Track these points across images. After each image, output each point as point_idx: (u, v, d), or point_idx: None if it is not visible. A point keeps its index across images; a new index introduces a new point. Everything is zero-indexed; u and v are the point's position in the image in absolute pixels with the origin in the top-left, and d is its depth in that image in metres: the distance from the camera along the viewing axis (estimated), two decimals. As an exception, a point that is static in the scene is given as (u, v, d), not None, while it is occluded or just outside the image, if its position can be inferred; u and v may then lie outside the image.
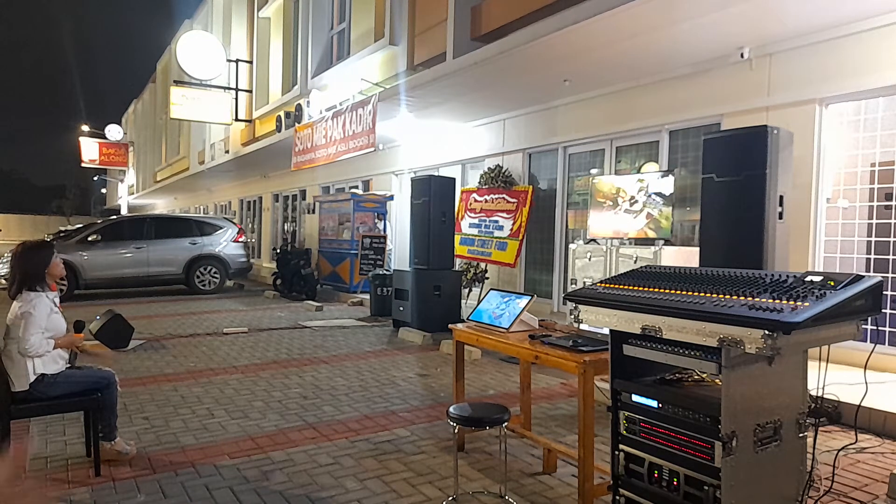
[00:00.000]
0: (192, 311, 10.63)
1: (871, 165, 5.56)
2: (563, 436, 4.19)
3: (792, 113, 5.71)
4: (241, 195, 22.67)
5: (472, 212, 9.53)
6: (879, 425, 4.17)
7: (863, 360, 3.03)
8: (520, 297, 3.72)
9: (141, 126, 35.85)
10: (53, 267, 3.63)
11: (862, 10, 5.02)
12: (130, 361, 6.50)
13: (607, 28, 5.59)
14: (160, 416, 4.64)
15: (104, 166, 31.86)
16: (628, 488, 2.56)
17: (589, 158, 8.40)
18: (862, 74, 5.28)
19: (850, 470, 3.58)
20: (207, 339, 7.85)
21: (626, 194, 6.39)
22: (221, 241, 13.50)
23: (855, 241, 5.59)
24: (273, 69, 16.48)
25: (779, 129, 4.21)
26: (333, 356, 6.87)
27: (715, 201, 4.44)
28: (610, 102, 7.71)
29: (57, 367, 3.56)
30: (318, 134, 11.09)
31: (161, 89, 28.36)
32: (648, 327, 2.36)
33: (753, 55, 6.00)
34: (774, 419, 2.31)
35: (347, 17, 13.07)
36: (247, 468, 3.64)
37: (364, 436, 4.22)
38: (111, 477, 3.50)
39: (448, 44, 8.22)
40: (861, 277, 2.24)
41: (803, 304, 2.06)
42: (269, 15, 16.71)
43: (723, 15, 5.17)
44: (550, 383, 5.61)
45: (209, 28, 20.56)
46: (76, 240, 12.51)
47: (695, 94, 6.64)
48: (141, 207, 36.31)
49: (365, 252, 11.69)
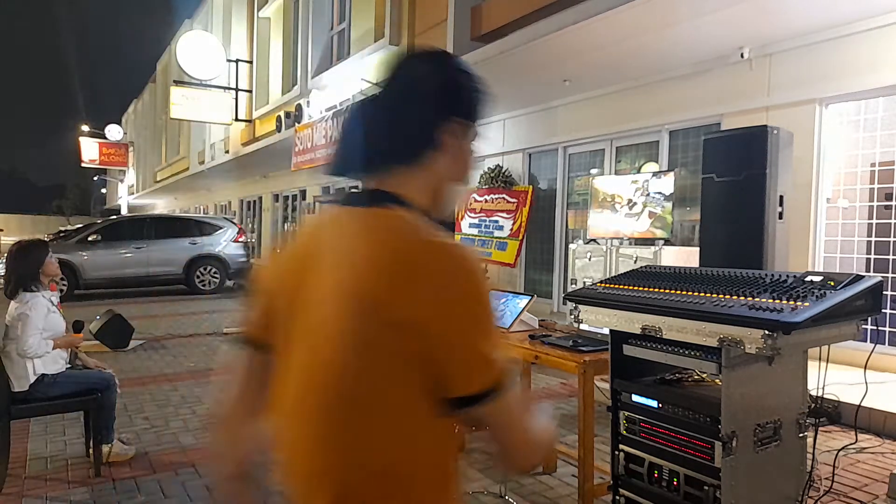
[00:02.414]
0: (192, 310, 10.62)
1: (871, 165, 5.56)
2: (563, 436, 4.19)
3: (792, 113, 5.71)
4: (241, 195, 22.67)
5: (472, 212, 9.53)
6: (879, 425, 4.17)
7: (863, 360, 3.02)
8: (520, 297, 3.72)
9: (141, 126, 35.85)
10: (48, 266, 3.63)
11: (862, 10, 5.02)
12: (130, 361, 6.50)
13: (607, 28, 5.59)
14: (160, 416, 4.64)
15: (104, 166, 31.85)
16: (628, 488, 2.56)
17: (589, 158, 8.40)
18: (862, 74, 5.28)
19: (850, 470, 3.58)
20: (207, 339, 7.85)
21: (622, 199, 6.39)
22: (221, 241, 13.48)
23: (855, 241, 5.59)
24: (273, 69, 16.47)
25: (779, 129, 4.21)
26: (333, 356, 6.86)
27: (715, 201, 4.44)
28: (610, 102, 7.71)
29: (57, 368, 3.56)
30: (319, 134, 11.09)
31: (161, 89, 28.36)
32: (648, 327, 2.36)
33: (753, 55, 6.00)
34: (774, 419, 2.31)
35: (347, 17, 13.06)
36: (247, 468, 3.64)
37: (364, 436, 4.21)
38: (111, 477, 3.50)
39: (448, 44, 8.21)
40: (861, 277, 2.24)
41: (803, 304, 2.06)
42: (269, 15, 16.70)
43: (723, 15, 5.16)
44: (550, 383, 5.61)
45: (209, 28, 20.55)
46: (76, 240, 12.50)
47: (695, 94, 6.63)
48: (141, 207, 36.31)
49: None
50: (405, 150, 0.96)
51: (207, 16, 21.58)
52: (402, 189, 0.96)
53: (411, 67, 1.01)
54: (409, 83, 0.99)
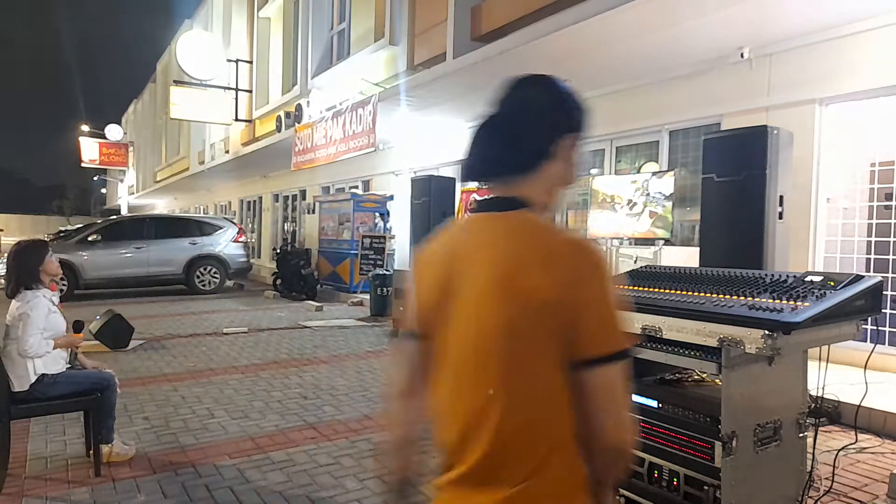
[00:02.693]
0: (192, 311, 10.63)
1: (870, 165, 5.56)
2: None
3: (792, 113, 5.71)
4: (241, 195, 22.66)
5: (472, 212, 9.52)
6: (879, 425, 4.17)
7: (863, 359, 3.03)
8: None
9: (141, 126, 35.86)
10: (48, 265, 3.63)
11: (861, 10, 5.02)
12: (130, 361, 6.50)
13: (607, 28, 5.59)
14: (160, 416, 4.64)
15: (104, 166, 31.81)
16: (628, 488, 2.56)
17: (589, 158, 8.40)
18: (861, 74, 5.28)
19: (849, 470, 3.58)
20: (207, 339, 7.85)
21: (621, 199, 6.39)
22: (221, 241, 13.49)
23: (855, 241, 5.59)
24: (273, 69, 16.47)
25: (778, 129, 4.21)
26: (333, 356, 6.87)
27: (715, 201, 4.44)
28: (610, 102, 7.70)
29: (58, 367, 3.56)
30: (319, 134, 11.09)
31: (161, 89, 28.36)
32: (648, 327, 2.36)
33: (753, 55, 6.00)
34: (774, 419, 2.31)
35: (347, 17, 13.07)
36: (247, 468, 3.64)
37: (364, 436, 4.22)
38: (111, 477, 3.50)
39: (448, 44, 8.21)
40: (861, 277, 2.24)
41: (803, 304, 2.06)
42: (270, 15, 16.71)
43: (722, 15, 5.17)
44: (550, 383, 5.61)
45: (209, 28, 20.55)
46: (76, 240, 12.51)
47: (695, 94, 6.63)
48: (141, 207, 36.30)
49: (365, 252, 11.69)
50: (527, 162, 1.18)
51: (207, 16, 21.58)
52: (527, 193, 1.17)
53: (525, 90, 1.22)
54: (525, 104, 1.20)
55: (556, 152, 1.18)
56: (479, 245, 1.15)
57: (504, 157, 1.18)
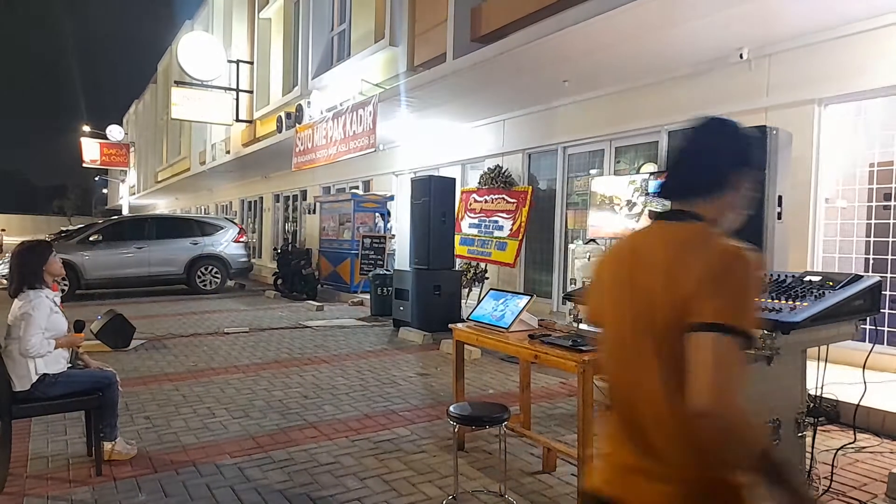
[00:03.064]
0: (194, 310, 10.64)
1: (869, 165, 5.57)
2: (563, 435, 4.21)
3: (791, 113, 5.72)
4: (241, 195, 22.69)
5: (471, 212, 9.54)
6: (878, 425, 4.18)
7: (861, 359, 3.04)
8: (519, 297, 3.73)
9: (142, 126, 35.88)
10: (51, 265, 3.64)
11: (861, 10, 5.03)
12: (132, 361, 6.51)
13: (607, 29, 5.60)
14: (161, 416, 4.65)
15: (105, 166, 31.84)
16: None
17: (588, 159, 8.41)
18: (860, 75, 5.29)
19: (848, 469, 3.59)
20: (208, 339, 7.87)
21: (620, 200, 6.40)
22: (222, 242, 13.51)
23: (854, 241, 5.60)
24: (274, 70, 16.49)
25: (778, 129, 4.21)
26: (334, 356, 6.89)
27: (714, 201, 4.44)
28: (609, 103, 7.72)
29: (59, 367, 3.57)
30: (319, 134, 11.10)
31: (162, 90, 28.39)
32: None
33: (752, 56, 6.01)
34: (773, 418, 2.32)
35: (348, 18, 13.08)
36: (248, 467, 3.66)
37: (364, 435, 4.24)
38: (112, 476, 3.51)
39: (448, 45, 8.23)
40: (860, 277, 2.25)
41: (802, 304, 2.07)
42: (270, 16, 16.73)
43: (722, 16, 5.18)
44: (550, 382, 5.63)
45: (210, 29, 20.58)
46: (77, 240, 12.52)
47: (694, 95, 6.65)
48: (142, 208, 36.34)
49: (365, 252, 11.71)
50: (709, 189, 1.40)
51: (208, 17, 21.60)
52: (702, 211, 1.39)
53: (713, 128, 1.45)
54: (713, 141, 1.44)
55: (734, 184, 1.40)
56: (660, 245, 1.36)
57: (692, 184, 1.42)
